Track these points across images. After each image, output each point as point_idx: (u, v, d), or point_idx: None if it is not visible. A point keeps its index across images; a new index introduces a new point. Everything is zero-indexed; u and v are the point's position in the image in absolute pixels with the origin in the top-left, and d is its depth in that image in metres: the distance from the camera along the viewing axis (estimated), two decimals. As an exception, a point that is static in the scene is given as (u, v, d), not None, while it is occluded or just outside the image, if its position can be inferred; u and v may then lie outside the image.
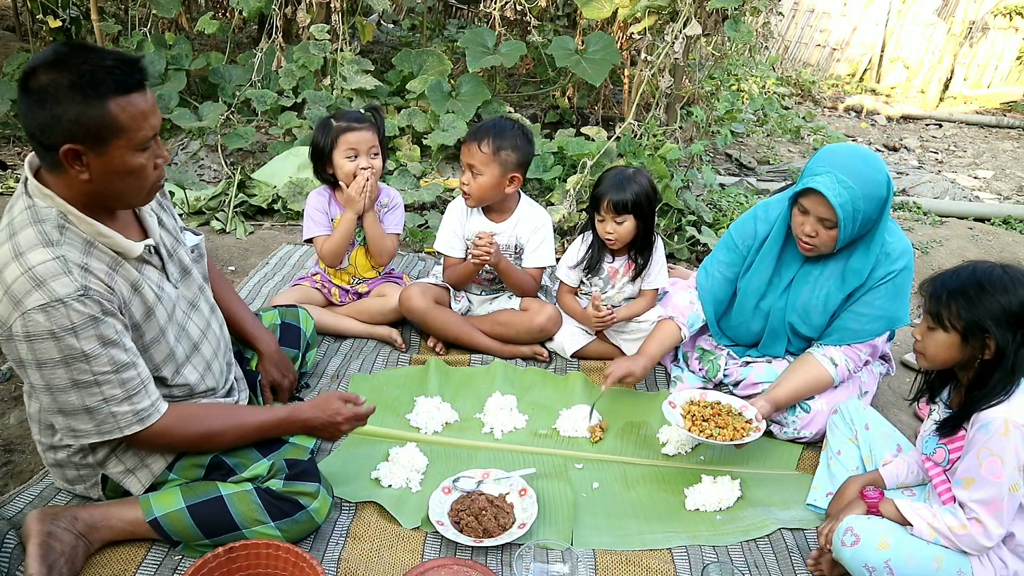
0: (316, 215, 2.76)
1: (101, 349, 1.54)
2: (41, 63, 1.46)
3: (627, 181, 2.57)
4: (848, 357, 2.33)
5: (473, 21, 6.45)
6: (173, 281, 1.80)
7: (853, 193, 2.10)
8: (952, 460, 1.75)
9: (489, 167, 2.60)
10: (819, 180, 2.12)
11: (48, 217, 1.54)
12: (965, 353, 1.71)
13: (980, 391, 1.69)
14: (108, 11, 5.40)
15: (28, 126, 1.50)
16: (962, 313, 1.67)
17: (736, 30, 4.03)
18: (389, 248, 2.79)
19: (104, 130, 1.48)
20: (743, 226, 2.50)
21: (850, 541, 1.72)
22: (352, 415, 1.88)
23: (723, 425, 2.17)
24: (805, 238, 2.24)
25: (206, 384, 1.86)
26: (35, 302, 1.47)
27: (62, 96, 1.44)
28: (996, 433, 1.61)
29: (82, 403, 1.56)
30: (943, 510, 1.69)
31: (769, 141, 6.39)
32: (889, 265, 2.27)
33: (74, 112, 1.45)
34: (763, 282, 2.43)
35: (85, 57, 1.47)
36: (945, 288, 1.71)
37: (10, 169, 4.20)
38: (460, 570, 1.73)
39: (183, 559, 1.75)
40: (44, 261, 1.49)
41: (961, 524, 1.65)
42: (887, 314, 2.31)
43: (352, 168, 2.65)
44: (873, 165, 2.16)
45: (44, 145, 1.50)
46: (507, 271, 2.72)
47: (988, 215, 4.89)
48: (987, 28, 9.12)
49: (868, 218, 2.17)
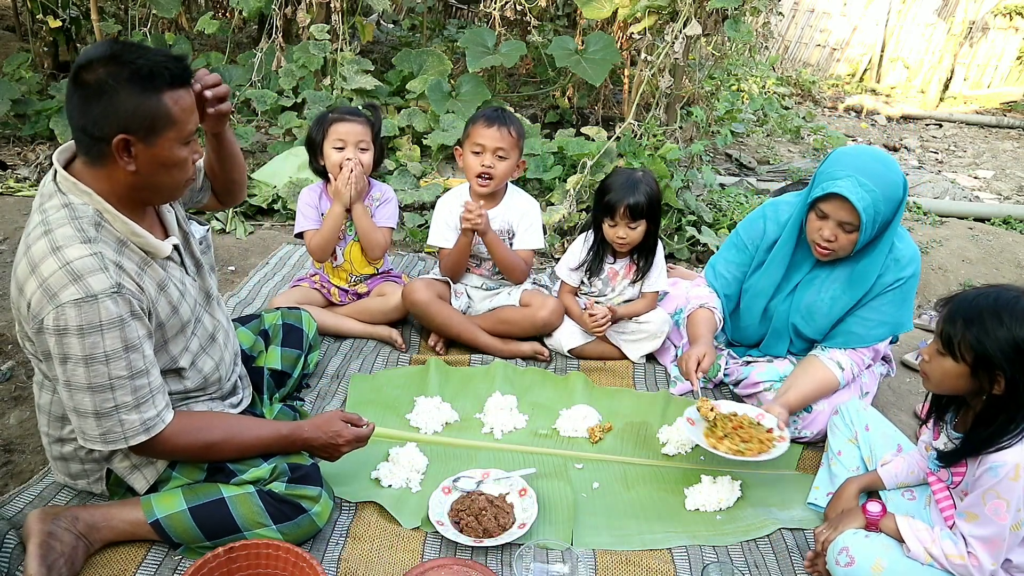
0: (306, 210, 2.77)
1: (122, 352, 1.55)
2: (97, 58, 1.50)
3: (639, 184, 2.57)
4: (853, 361, 2.33)
5: (473, 21, 6.44)
6: (192, 275, 1.83)
7: (875, 196, 2.08)
8: (956, 482, 1.72)
9: (514, 151, 2.72)
10: (842, 184, 2.09)
11: (85, 215, 1.57)
12: (972, 385, 1.62)
13: (985, 430, 1.60)
14: (108, 11, 5.40)
15: (80, 118, 1.53)
16: (974, 344, 1.56)
17: (736, 30, 4.03)
18: (380, 241, 2.78)
19: (158, 122, 1.53)
20: (752, 225, 2.48)
21: (844, 562, 1.70)
22: (353, 437, 1.88)
23: (747, 439, 2.09)
24: (824, 243, 2.21)
25: (218, 373, 1.88)
26: (70, 296, 1.49)
27: (121, 88, 1.49)
28: (1005, 477, 1.56)
29: (94, 407, 1.57)
30: (943, 535, 1.65)
31: (769, 141, 6.39)
32: (899, 271, 2.25)
33: (132, 103, 1.50)
34: (772, 285, 2.42)
35: (140, 53, 1.52)
36: (961, 313, 1.59)
37: (10, 169, 4.20)
38: (460, 570, 1.73)
39: (183, 559, 1.75)
40: (82, 256, 1.51)
41: (960, 555, 1.61)
42: (892, 320, 2.30)
43: (339, 159, 2.67)
44: (890, 167, 2.15)
45: (95, 137, 1.53)
46: (494, 244, 2.72)
47: (988, 215, 4.89)
48: (987, 28, 9.12)
49: (885, 220, 2.16)
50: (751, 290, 2.47)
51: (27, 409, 2.30)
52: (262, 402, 2.18)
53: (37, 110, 4.53)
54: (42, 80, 4.88)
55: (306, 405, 2.36)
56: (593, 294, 2.81)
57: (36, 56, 5.11)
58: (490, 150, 2.66)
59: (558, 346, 2.79)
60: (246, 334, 2.26)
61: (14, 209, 3.69)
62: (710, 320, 2.48)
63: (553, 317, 2.74)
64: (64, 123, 4.37)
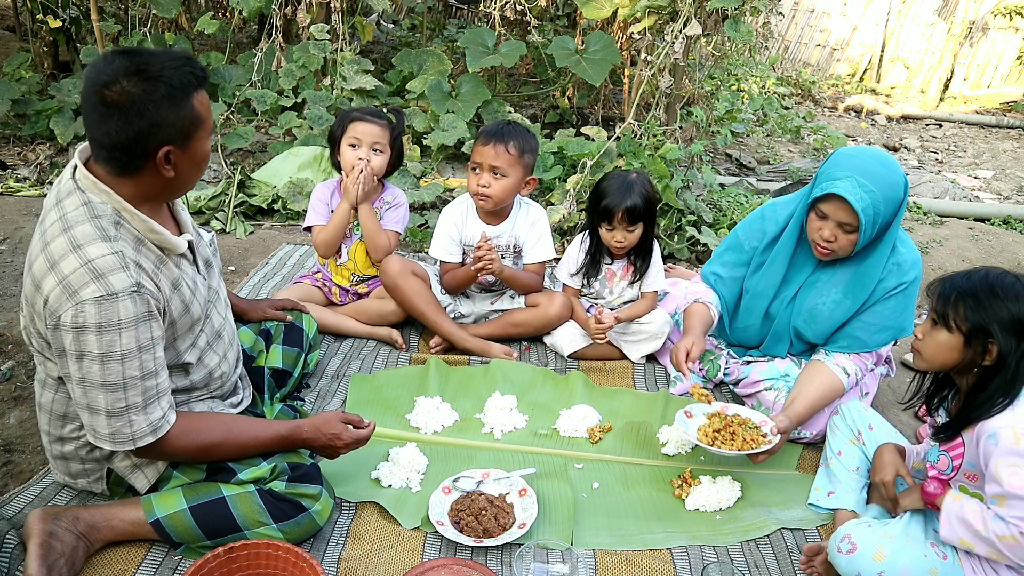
0: (318, 205, 2.78)
1: (136, 352, 1.56)
2: (120, 74, 1.48)
3: (634, 187, 2.55)
4: (857, 366, 2.32)
5: (473, 21, 6.45)
6: (202, 274, 1.84)
7: (874, 197, 2.08)
8: (956, 467, 1.73)
9: (515, 169, 2.60)
10: (840, 185, 2.09)
11: (104, 213, 1.57)
12: (965, 356, 1.70)
13: (979, 397, 1.67)
14: (108, 11, 5.40)
15: (115, 137, 1.51)
16: (969, 315, 1.66)
17: (736, 30, 4.03)
18: (384, 244, 2.77)
19: (192, 126, 1.58)
20: (750, 226, 2.48)
21: (846, 549, 1.71)
22: (352, 439, 1.88)
23: (734, 435, 2.11)
24: (823, 243, 2.21)
25: (221, 369, 1.89)
26: (91, 294, 1.49)
27: (160, 105, 1.51)
28: (1007, 444, 1.58)
29: (107, 405, 1.57)
30: (993, 519, 1.62)
31: (769, 141, 6.39)
32: (901, 276, 2.25)
33: (172, 117, 1.53)
34: (772, 286, 2.41)
35: (159, 62, 1.52)
36: (955, 289, 1.70)
37: (10, 169, 4.20)
38: (460, 570, 1.73)
39: (183, 559, 1.75)
40: (104, 255, 1.52)
41: (1012, 535, 1.58)
42: (895, 325, 2.30)
43: (352, 157, 2.68)
44: (891, 168, 2.15)
45: (134, 153, 1.54)
46: (511, 279, 2.73)
47: (988, 215, 4.89)
48: (987, 28, 9.13)
49: (886, 221, 2.16)
50: (752, 291, 2.46)
51: (27, 409, 2.30)
52: (263, 402, 2.18)
53: (37, 110, 4.52)
54: (42, 80, 4.88)
55: (306, 405, 2.36)
56: (591, 296, 2.81)
57: (36, 56, 5.11)
58: (486, 168, 2.60)
59: (559, 349, 2.79)
60: (247, 333, 2.26)
61: (14, 209, 3.69)
62: (703, 313, 2.47)
63: (564, 311, 2.76)
64: (64, 123, 4.37)
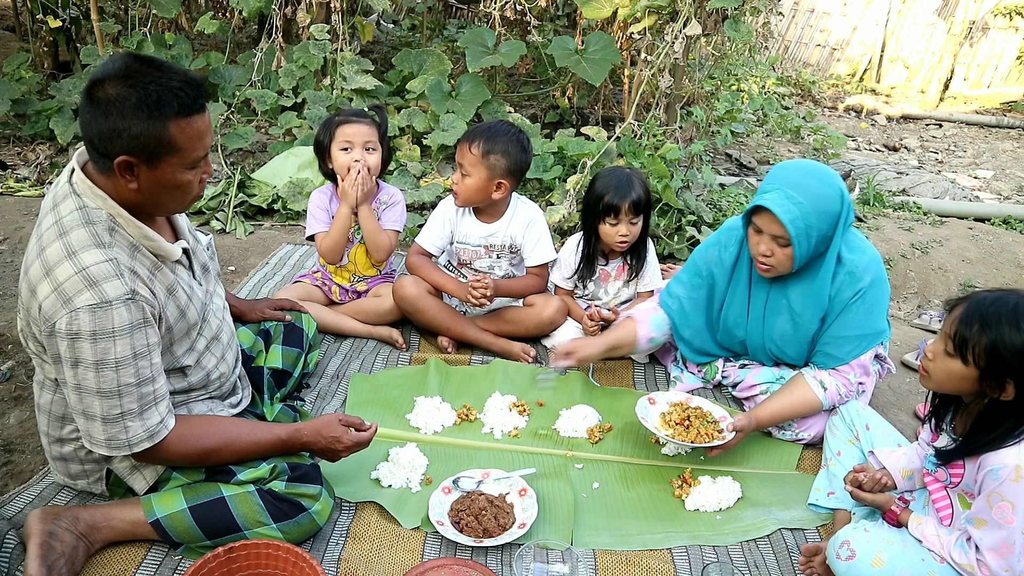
0: (317, 212, 2.77)
1: (131, 360, 1.55)
2: (111, 75, 1.49)
3: (632, 179, 2.57)
4: (839, 382, 2.27)
5: (473, 21, 6.44)
6: (199, 279, 1.84)
7: (804, 209, 2.06)
8: (955, 482, 1.71)
9: (476, 169, 2.58)
10: (768, 197, 2.09)
11: (99, 219, 1.57)
12: (977, 389, 1.59)
13: (988, 435, 1.58)
14: (108, 11, 5.39)
15: (87, 132, 1.53)
16: (989, 349, 1.52)
17: (736, 30, 4.03)
18: (385, 244, 2.77)
19: (160, 148, 1.53)
20: (707, 251, 2.46)
21: (845, 555, 1.70)
22: (353, 442, 1.87)
23: (690, 427, 2.19)
24: (761, 258, 2.20)
25: (219, 370, 1.89)
26: (85, 301, 1.49)
27: (127, 112, 1.48)
28: (1007, 479, 1.54)
29: (102, 412, 1.57)
30: (955, 545, 1.63)
31: (769, 141, 6.39)
32: (855, 284, 2.20)
33: (136, 128, 1.50)
34: (741, 313, 2.41)
35: (154, 75, 1.50)
36: (979, 315, 1.54)
37: (10, 169, 4.20)
38: (460, 570, 1.73)
39: (183, 559, 1.75)
40: (98, 262, 1.52)
41: (969, 563, 1.59)
42: (865, 332, 2.24)
43: (347, 161, 2.66)
44: (824, 180, 2.12)
45: (100, 152, 1.54)
46: (507, 293, 2.73)
47: (988, 215, 4.89)
48: (987, 28, 9.12)
49: (824, 235, 2.13)
50: (724, 324, 2.47)
51: (27, 409, 2.30)
52: (262, 402, 2.18)
53: (37, 110, 4.52)
54: (42, 80, 4.88)
55: (306, 405, 2.36)
56: (587, 297, 2.81)
57: (36, 56, 5.10)
58: (458, 165, 2.63)
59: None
60: (246, 334, 2.26)
61: (14, 209, 3.69)
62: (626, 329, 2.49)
63: (558, 316, 2.75)
64: (64, 123, 4.37)
